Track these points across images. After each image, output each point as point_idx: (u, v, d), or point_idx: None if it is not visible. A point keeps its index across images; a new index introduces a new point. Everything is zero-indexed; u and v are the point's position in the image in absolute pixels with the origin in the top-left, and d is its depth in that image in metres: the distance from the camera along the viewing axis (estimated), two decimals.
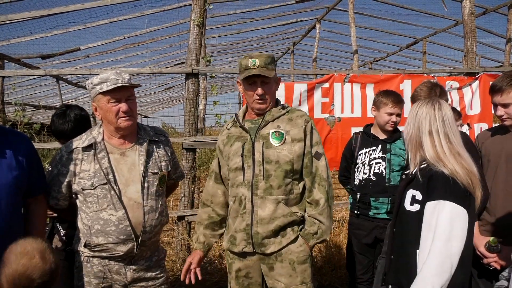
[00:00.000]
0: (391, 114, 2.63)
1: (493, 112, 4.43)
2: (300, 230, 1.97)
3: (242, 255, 1.99)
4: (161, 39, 8.14)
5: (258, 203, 1.91)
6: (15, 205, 1.75)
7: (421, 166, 1.65)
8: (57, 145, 3.52)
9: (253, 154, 1.94)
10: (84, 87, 10.21)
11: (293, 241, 1.94)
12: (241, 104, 4.32)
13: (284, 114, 2.02)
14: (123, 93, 1.88)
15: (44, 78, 8.82)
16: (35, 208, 1.92)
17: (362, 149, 2.75)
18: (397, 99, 2.67)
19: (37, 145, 4.08)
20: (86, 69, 4.29)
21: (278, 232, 1.93)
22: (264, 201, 1.91)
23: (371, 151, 2.70)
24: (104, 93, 1.85)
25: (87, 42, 7.26)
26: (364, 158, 2.72)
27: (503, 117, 2.08)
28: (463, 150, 1.62)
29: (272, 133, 1.95)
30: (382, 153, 2.67)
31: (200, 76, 4.21)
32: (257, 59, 1.91)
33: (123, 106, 1.88)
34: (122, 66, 9.00)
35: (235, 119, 2.09)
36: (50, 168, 1.99)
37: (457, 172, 1.54)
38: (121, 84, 1.85)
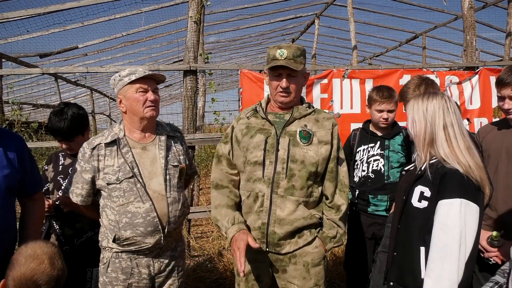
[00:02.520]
0: (381, 111, 2.60)
1: (493, 106, 4.47)
2: (317, 232, 1.93)
3: (254, 254, 1.91)
4: (159, 36, 8.10)
5: (278, 202, 1.83)
6: (6, 205, 1.74)
7: (431, 162, 1.61)
8: (55, 143, 3.50)
9: (277, 150, 1.85)
10: (83, 85, 10.19)
11: (310, 242, 1.89)
12: (240, 101, 4.30)
13: (310, 113, 1.95)
14: (150, 84, 1.99)
15: (42, 77, 8.80)
16: (31, 207, 1.91)
17: (361, 146, 2.72)
18: (387, 94, 2.59)
19: (35, 144, 4.07)
20: (84, 67, 4.26)
21: (295, 233, 1.87)
22: (284, 200, 1.83)
23: (369, 148, 2.67)
24: (134, 82, 1.94)
25: (85, 40, 7.23)
26: (363, 155, 2.69)
27: (510, 111, 2.05)
28: (473, 144, 1.60)
29: (300, 131, 1.87)
30: (381, 150, 2.64)
31: (198, 73, 4.19)
32: (286, 50, 1.82)
33: (150, 96, 1.96)
34: (120, 64, 8.97)
35: (258, 109, 1.99)
36: (73, 166, 2.02)
37: (471, 168, 1.51)
38: (150, 73, 1.96)
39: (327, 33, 10.24)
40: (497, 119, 2.31)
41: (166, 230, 1.95)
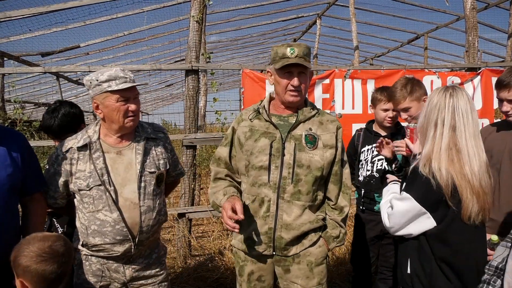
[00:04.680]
0: (386, 110, 2.64)
1: (494, 107, 4.46)
2: (321, 232, 1.95)
3: (259, 258, 1.91)
4: (161, 35, 8.11)
5: (284, 207, 1.83)
6: (9, 203, 1.73)
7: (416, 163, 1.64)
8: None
9: (283, 155, 1.82)
10: (84, 84, 10.17)
11: (314, 243, 1.91)
12: (242, 101, 4.30)
13: (314, 115, 1.92)
14: (132, 93, 1.86)
15: (44, 76, 8.81)
16: (32, 206, 1.90)
17: (365, 146, 2.77)
18: (392, 94, 2.66)
19: (37, 143, 4.07)
20: (86, 66, 4.26)
21: (302, 237, 1.88)
22: (291, 205, 1.83)
23: (373, 148, 2.71)
24: (114, 91, 1.81)
25: (87, 39, 7.23)
26: (367, 155, 2.73)
27: (509, 113, 2.05)
28: (471, 145, 1.53)
29: (306, 135, 1.85)
30: None
31: (200, 73, 4.19)
32: (296, 48, 1.79)
33: (132, 106, 1.85)
34: (122, 63, 8.98)
35: (261, 110, 1.93)
36: (47, 167, 1.96)
37: (440, 171, 1.50)
38: (132, 84, 1.82)
39: (329, 33, 10.24)
40: (499, 120, 2.31)
41: (137, 239, 1.87)
